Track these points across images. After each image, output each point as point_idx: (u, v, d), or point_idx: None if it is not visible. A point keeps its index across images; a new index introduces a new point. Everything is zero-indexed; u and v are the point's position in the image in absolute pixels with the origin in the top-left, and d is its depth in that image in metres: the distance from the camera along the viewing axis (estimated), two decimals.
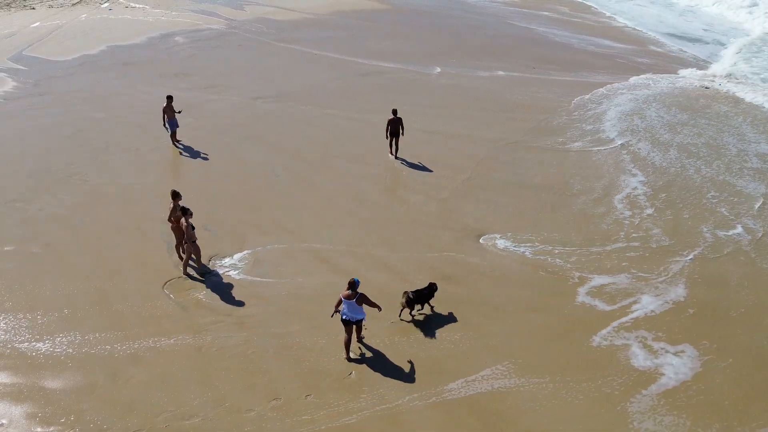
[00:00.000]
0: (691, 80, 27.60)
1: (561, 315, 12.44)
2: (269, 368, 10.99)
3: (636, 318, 12.29)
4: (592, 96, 25.20)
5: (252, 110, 23.44)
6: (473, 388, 10.57)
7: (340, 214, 16.19)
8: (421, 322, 12.17)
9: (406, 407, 10.19)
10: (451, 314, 12.39)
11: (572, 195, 17.24)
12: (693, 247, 14.70)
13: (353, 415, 9.99)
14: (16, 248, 14.37)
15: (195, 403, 10.22)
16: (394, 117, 18.76)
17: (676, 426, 9.92)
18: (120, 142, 20.16)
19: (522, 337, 11.81)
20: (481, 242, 14.88)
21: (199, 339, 11.63)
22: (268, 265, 13.89)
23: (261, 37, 34.27)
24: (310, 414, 10.02)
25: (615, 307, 12.62)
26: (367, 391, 10.50)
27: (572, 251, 14.45)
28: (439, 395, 10.43)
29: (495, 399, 10.38)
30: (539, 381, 10.74)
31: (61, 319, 12.11)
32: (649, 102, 24.57)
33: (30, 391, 10.44)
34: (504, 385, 10.65)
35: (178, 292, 12.94)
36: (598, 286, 13.25)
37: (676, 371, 10.98)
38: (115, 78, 26.95)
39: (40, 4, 41.04)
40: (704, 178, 18.23)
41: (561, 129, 21.76)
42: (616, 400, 10.38)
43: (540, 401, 10.36)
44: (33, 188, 17.06)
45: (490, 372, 10.90)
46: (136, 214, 15.95)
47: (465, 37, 35.68)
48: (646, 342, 11.64)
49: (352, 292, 10.87)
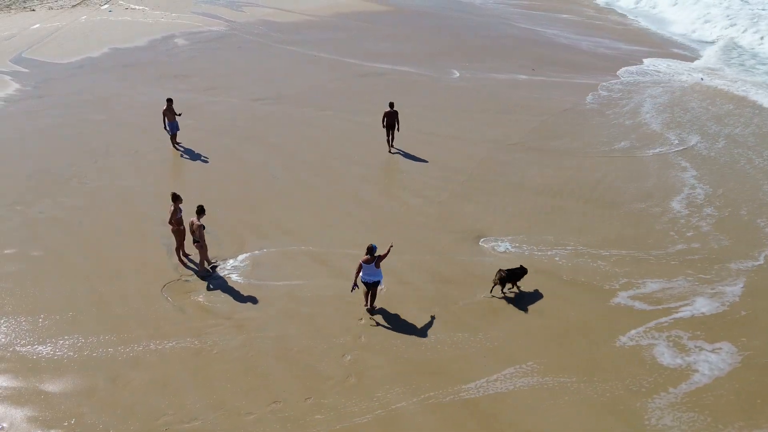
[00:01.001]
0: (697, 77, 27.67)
1: (561, 318, 12.45)
2: (269, 371, 11.00)
3: (677, 318, 12.32)
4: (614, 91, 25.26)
5: (252, 112, 23.47)
6: (492, 388, 10.58)
7: (340, 215, 16.21)
8: (419, 325, 12.18)
9: (406, 410, 10.20)
10: (449, 316, 12.40)
11: (623, 195, 17.40)
12: (760, 248, 14.71)
13: (353, 419, 10.00)
14: (17, 251, 14.39)
15: (195, 406, 10.24)
16: (391, 110, 19.41)
17: (696, 421, 9.97)
18: (120, 144, 20.19)
19: (523, 338, 11.83)
20: (481, 243, 14.91)
21: (199, 342, 11.64)
22: (268, 268, 13.91)
23: (261, 39, 34.30)
24: (310, 417, 10.03)
25: (651, 308, 12.64)
26: (368, 394, 10.51)
27: (621, 254, 14.51)
28: (437, 398, 10.45)
29: (495, 401, 10.39)
30: (542, 381, 10.75)
31: (61, 321, 12.13)
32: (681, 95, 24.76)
33: (30, 394, 10.46)
34: (504, 387, 10.66)
35: (178, 295, 12.96)
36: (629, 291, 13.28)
37: (711, 368, 11.04)
38: (115, 80, 26.99)
39: (40, 6, 41.09)
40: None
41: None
42: (641, 396, 10.42)
43: (543, 403, 10.38)
44: (33, 190, 17.08)
45: (497, 375, 10.91)
46: (136, 216, 15.97)
47: (465, 38, 35.71)
48: (679, 341, 11.67)
49: (370, 257, 11.91)
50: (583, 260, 14.26)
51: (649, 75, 28.87)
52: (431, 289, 13.26)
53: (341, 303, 12.76)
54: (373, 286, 12.25)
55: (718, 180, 18.25)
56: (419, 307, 12.64)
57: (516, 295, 13.01)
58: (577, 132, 21.84)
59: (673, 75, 28.68)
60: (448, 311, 12.56)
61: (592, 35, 37.16)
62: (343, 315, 12.43)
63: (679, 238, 15.18)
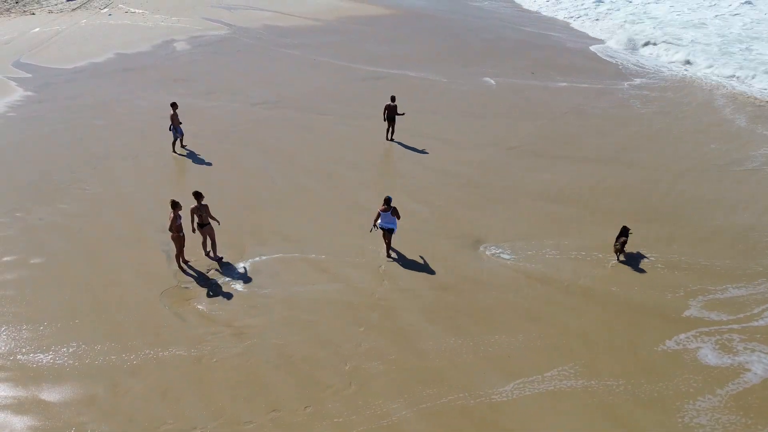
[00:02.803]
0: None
1: (559, 325, 12.44)
2: (268, 379, 11.01)
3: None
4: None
5: (251, 116, 23.51)
6: (492, 395, 10.59)
7: (339, 221, 16.22)
8: (419, 332, 12.18)
9: (406, 418, 10.20)
10: (449, 323, 12.41)
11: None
12: None
13: (353, 428, 10.00)
14: (17, 258, 14.41)
15: (195, 414, 10.25)
16: (392, 104, 20.65)
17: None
18: (120, 150, 20.22)
19: (522, 345, 11.84)
20: (480, 249, 14.92)
21: (199, 350, 11.65)
22: (268, 275, 13.92)
23: (261, 43, 34.34)
24: (310, 426, 10.04)
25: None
26: (367, 403, 10.51)
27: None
28: (436, 406, 10.44)
29: (495, 409, 10.40)
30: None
31: (61, 330, 12.14)
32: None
33: (30, 403, 10.46)
34: (504, 395, 10.66)
35: (178, 302, 12.97)
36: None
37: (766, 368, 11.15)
38: (115, 84, 27.04)
39: (39, 10, 41.13)
40: None
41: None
42: (641, 404, 10.41)
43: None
44: (33, 197, 17.10)
45: (497, 383, 10.92)
46: (135, 223, 15.99)
47: (465, 40, 35.75)
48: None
49: (387, 207, 13.95)
50: (581, 265, 14.28)
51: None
52: (431, 295, 13.27)
53: (342, 310, 12.77)
54: (389, 233, 14.18)
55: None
56: (419, 314, 12.64)
57: (517, 303, 12.99)
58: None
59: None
60: (449, 318, 12.57)
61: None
62: (343, 322, 12.44)
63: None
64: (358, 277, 13.82)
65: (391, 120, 20.94)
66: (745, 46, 34.00)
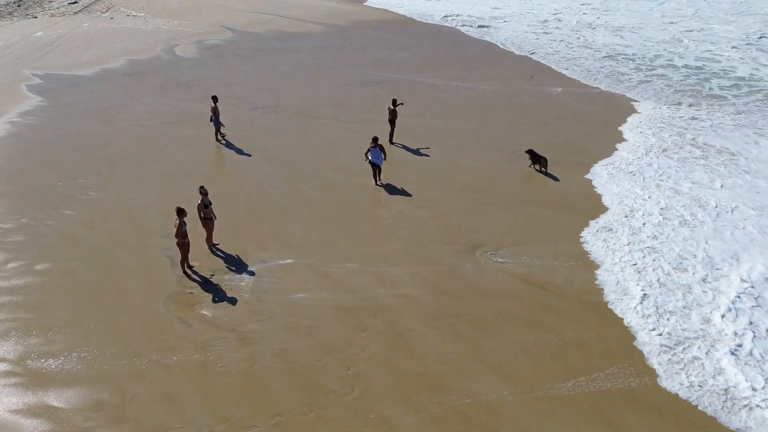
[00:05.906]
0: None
1: (557, 331, 12.64)
2: (272, 385, 11.21)
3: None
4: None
5: (251, 121, 23.73)
6: (493, 400, 10.78)
7: (340, 227, 16.41)
8: (419, 337, 12.37)
9: (407, 423, 10.39)
10: (449, 328, 12.60)
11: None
12: None
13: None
14: (23, 264, 14.62)
15: (200, 419, 10.45)
16: (393, 107, 21.24)
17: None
18: (123, 156, 20.44)
19: (520, 353, 12.03)
20: (479, 254, 15.12)
21: (203, 355, 11.86)
22: (270, 281, 14.12)
23: (262, 47, 34.53)
24: (313, 431, 10.23)
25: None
26: (369, 407, 10.71)
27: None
28: (437, 411, 10.63)
29: (495, 414, 10.59)
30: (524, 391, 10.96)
31: (68, 335, 12.35)
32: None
33: (38, 408, 10.67)
34: (505, 400, 10.86)
35: (182, 308, 13.18)
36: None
37: None
38: (117, 89, 27.25)
39: (42, 13, 41.31)
40: None
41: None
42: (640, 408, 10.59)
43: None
44: (39, 204, 17.32)
45: (497, 388, 11.11)
46: (139, 229, 16.20)
47: (465, 46, 35.94)
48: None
49: (375, 144, 17.79)
50: (577, 271, 14.48)
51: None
52: (431, 301, 13.46)
53: (344, 316, 12.97)
54: (377, 167, 18.14)
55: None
56: (419, 320, 12.84)
57: (516, 308, 13.18)
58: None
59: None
60: (449, 323, 12.76)
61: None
62: (345, 328, 12.63)
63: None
64: (360, 282, 14.03)
65: (391, 122, 21.45)
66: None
